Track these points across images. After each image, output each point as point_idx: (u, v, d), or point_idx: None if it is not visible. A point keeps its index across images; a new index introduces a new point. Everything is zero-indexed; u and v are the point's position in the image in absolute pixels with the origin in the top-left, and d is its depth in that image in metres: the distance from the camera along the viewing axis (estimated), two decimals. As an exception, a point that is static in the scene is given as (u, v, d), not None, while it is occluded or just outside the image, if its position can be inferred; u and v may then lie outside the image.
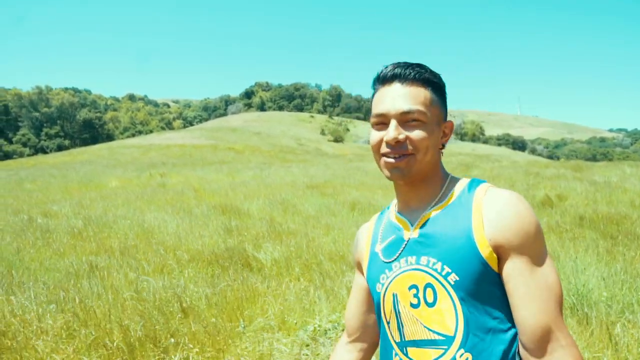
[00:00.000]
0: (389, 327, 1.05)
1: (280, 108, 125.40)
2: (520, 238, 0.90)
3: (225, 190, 13.25)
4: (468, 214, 0.95)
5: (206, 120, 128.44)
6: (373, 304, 1.15)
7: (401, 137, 0.97)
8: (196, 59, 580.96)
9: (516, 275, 0.90)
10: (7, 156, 65.24)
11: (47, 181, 16.02)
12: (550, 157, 78.64)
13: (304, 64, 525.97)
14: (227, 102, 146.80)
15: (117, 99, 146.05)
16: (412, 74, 0.99)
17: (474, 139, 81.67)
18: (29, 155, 67.13)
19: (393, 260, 1.03)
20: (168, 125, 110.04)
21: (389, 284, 1.03)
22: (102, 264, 4.60)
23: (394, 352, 1.04)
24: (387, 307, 1.04)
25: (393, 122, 0.98)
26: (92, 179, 16.65)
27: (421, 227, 1.01)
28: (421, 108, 0.97)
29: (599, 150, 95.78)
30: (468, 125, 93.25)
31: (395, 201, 1.13)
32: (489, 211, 0.93)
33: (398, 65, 1.00)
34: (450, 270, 0.94)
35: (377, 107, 1.01)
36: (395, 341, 1.03)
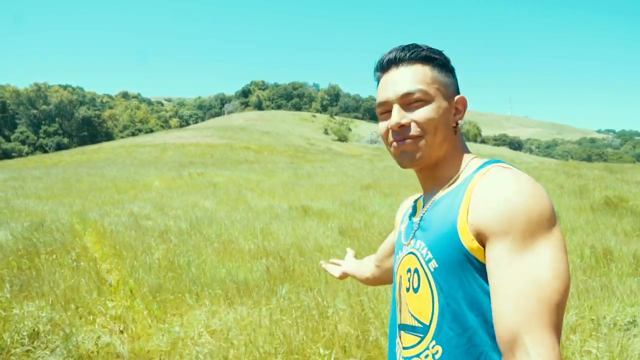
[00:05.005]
0: (395, 308, 1.06)
1: (279, 107, 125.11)
2: (501, 222, 0.78)
3: (284, 190, 13.38)
4: (461, 197, 0.88)
5: (202, 118, 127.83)
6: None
7: (404, 120, 0.92)
8: (188, 57, 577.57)
9: (492, 264, 0.79)
10: (5, 154, 64.24)
11: (92, 181, 16.02)
12: (545, 157, 79.62)
13: (300, 63, 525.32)
14: (223, 100, 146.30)
15: (110, 97, 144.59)
16: (407, 55, 0.94)
17: (474, 139, 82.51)
18: (27, 153, 66.19)
19: (405, 243, 1.01)
20: (165, 124, 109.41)
21: (398, 265, 1.02)
22: (290, 266, 4.78)
23: (396, 333, 1.04)
24: (396, 288, 1.04)
25: (395, 107, 0.93)
26: (136, 179, 16.69)
27: (427, 211, 0.97)
28: (421, 86, 0.91)
29: (593, 151, 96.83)
30: (467, 125, 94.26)
31: None
32: (477, 194, 0.84)
33: (392, 50, 0.96)
34: (431, 257, 0.89)
35: (379, 96, 0.97)
36: (397, 323, 1.03)
